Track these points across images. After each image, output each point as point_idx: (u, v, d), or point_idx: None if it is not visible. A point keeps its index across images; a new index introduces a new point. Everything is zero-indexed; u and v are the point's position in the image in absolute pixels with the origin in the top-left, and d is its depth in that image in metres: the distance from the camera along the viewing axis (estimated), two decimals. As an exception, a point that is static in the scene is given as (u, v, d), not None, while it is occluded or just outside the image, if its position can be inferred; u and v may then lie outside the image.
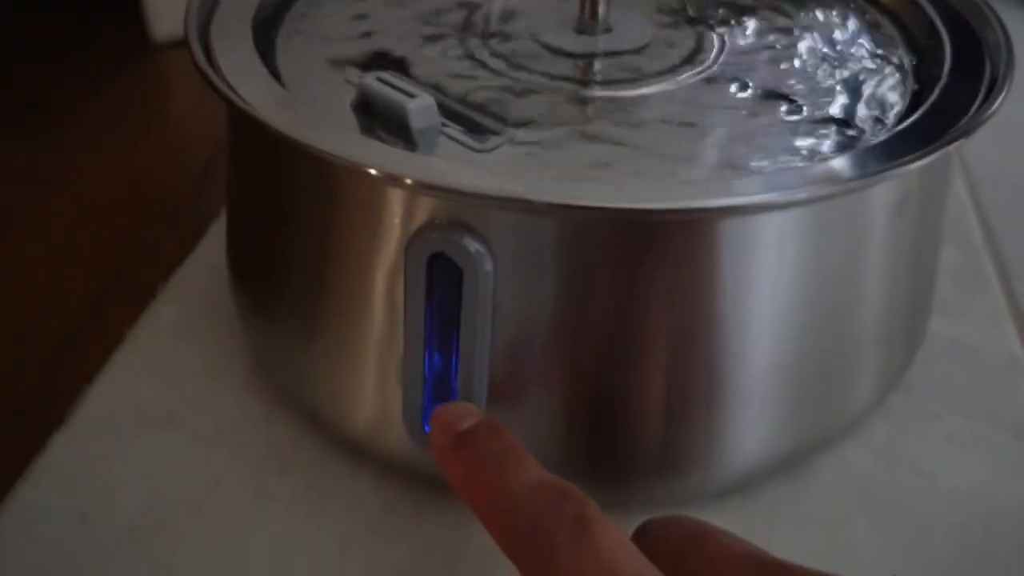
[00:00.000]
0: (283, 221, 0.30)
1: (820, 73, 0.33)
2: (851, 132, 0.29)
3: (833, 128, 0.30)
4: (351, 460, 0.32)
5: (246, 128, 0.32)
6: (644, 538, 0.23)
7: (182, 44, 0.60)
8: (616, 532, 0.21)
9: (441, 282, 0.26)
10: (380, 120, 0.29)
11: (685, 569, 0.22)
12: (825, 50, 0.34)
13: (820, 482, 0.32)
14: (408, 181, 0.24)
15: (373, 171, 0.24)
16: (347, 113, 0.29)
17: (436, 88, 0.31)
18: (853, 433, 0.33)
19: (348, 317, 0.29)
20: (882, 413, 0.34)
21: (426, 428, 0.28)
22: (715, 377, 0.27)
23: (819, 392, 0.30)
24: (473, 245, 0.25)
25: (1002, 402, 0.35)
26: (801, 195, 0.25)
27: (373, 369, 0.29)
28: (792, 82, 0.32)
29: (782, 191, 0.25)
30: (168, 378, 0.35)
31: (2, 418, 0.35)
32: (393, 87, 0.29)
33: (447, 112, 0.29)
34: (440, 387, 0.28)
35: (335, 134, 0.27)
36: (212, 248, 0.42)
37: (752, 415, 0.29)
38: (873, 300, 0.30)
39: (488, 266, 0.25)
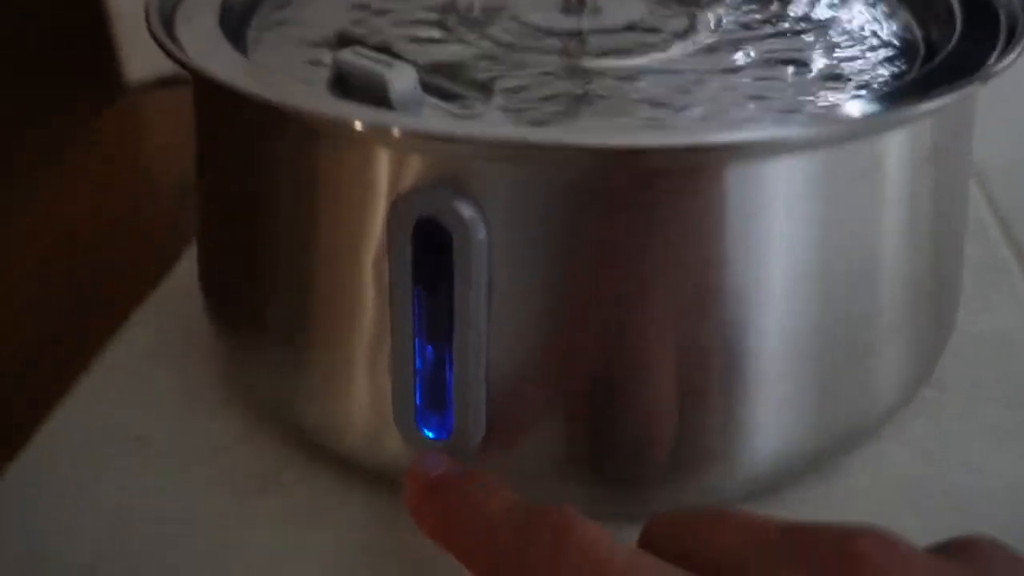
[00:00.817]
0: (257, 211, 0.28)
1: (826, 37, 0.31)
2: (867, 89, 0.27)
3: (844, 84, 0.27)
4: (340, 476, 0.29)
5: (215, 106, 0.29)
6: (650, 535, 0.21)
7: (156, 85, 0.59)
8: (598, 530, 0.19)
9: (431, 261, 0.23)
10: (358, 95, 0.26)
11: (701, 554, 0.19)
12: (831, 19, 0.32)
13: (859, 480, 0.29)
14: (395, 131, 0.21)
15: (357, 124, 0.22)
16: (322, 92, 0.27)
17: (419, 66, 0.28)
18: (888, 430, 0.31)
19: (334, 314, 0.27)
20: (917, 408, 0.32)
21: (420, 425, 0.25)
22: (730, 351, 0.25)
23: (846, 374, 0.27)
24: (465, 209, 0.22)
25: None
26: (811, 131, 0.23)
27: (363, 370, 0.27)
28: (796, 47, 0.30)
29: (791, 127, 0.22)
30: (140, 401, 0.33)
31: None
32: (370, 58, 0.26)
33: (431, 88, 0.27)
34: (434, 381, 0.25)
35: (310, 94, 0.24)
36: (187, 273, 0.39)
37: (771, 403, 0.26)
38: (895, 268, 0.27)
39: (481, 234, 0.22)
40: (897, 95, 0.25)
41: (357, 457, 0.28)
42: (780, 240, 0.24)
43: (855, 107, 0.24)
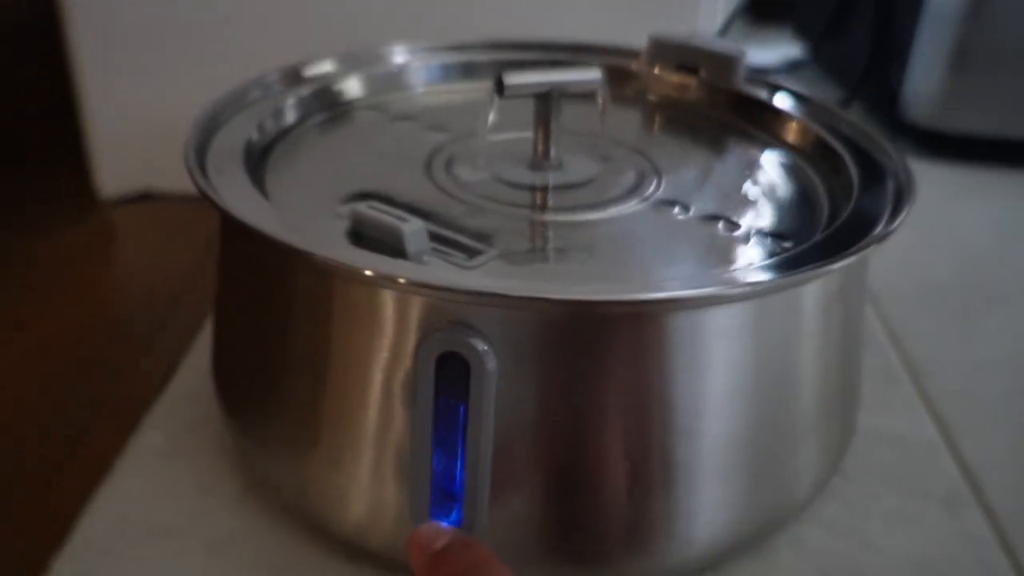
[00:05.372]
0: (280, 334, 0.33)
1: (751, 195, 0.38)
2: (784, 243, 0.34)
3: (768, 240, 0.34)
4: (347, 562, 0.34)
5: (244, 244, 0.34)
6: None
7: (129, 200, 0.63)
8: None
9: (449, 385, 0.29)
10: (373, 244, 0.32)
11: None
12: (752, 180, 0.39)
13: (784, 556, 0.35)
14: (444, 286, 0.27)
15: (401, 279, 0.28)
16: (343, 242, 0.33)
17: (418, 214, 0.34)
18: (805, 514, 0.37)
19: (344, 420, 0.32)
20: (828, 496, 0.38)
21: (436, 517, 0.30)
22: (675, 455, 0.31)
23: (769, 472, 0.34)
24: (479, 344, 0.28)
25: (930, 480, 0.40)
26: (741, 290, 0.29)
27: (368, 467, 0.32)
28: (727, 204, 0.37)
29: (723, 286, 0.29)
30: (161, 497, 0.37)
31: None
32: (385, 213, 0.32)
33: (432, 236, 0.33)
34: (442, 479, 0.30)
35: (349, 250, 0.30)
36: (188, 379, 0.44)
37: (710, 494, 0.32)
38: (811, 384, 0.34)
39: (492, 363, 0.28)
40: (810, 256, 0.32)
41: (359, 541, 0.33)
42: (717, 368, 0.31)
43: (777, 268, 0.31)
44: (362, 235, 0.32)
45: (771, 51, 1.03)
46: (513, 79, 0.37)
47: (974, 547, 0.36)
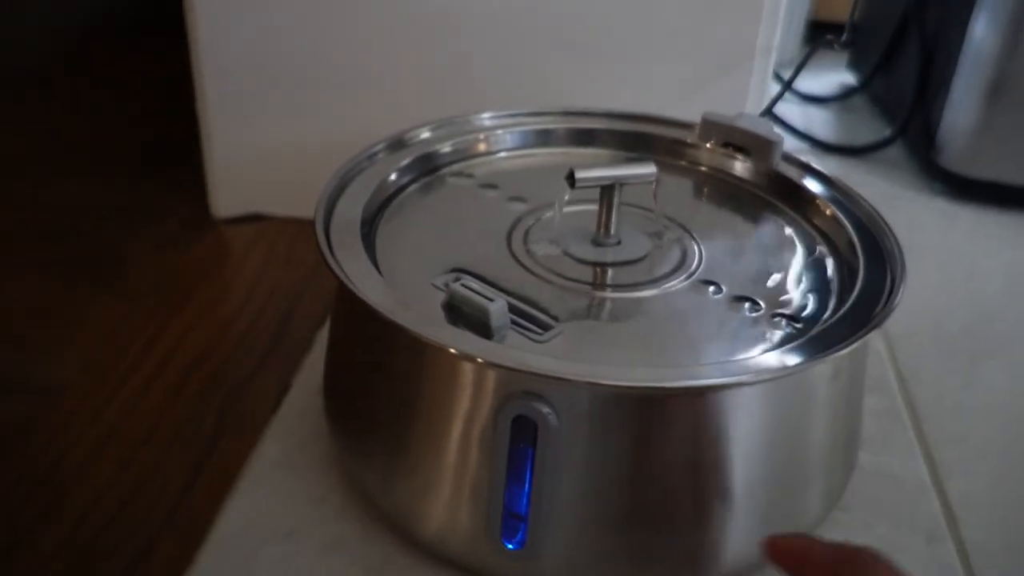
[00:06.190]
0: (382, 382, 0.42)
1: (774, 277, 0.45)
2: (797, 324, 0.42)
3: (784, 321, 0.42)
4: (434, 566, 0.43)
5: (362, 312, 0.43)
6: None
7: (241, 220, 0.72)
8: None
9: (520, 438, 0.37)
10: (464, 316, 0.40)
11: None
12: (777, 259, 0.47)
13: None
14: (522, 369, 0.36)
15: (480, 359, 0.36)
16: (436, 307, 0.41)
17: (496, 287, 0.42)
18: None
19: (430, 457, 0.40)
20: (829, 524, 0.46)
21: (503, 540, 0.39)
22: (698, 500, 0.39)
23: (780, 511, 0.42)
24: (545, 408, 0.36)
25: (916, 516, 0.47)
26: (758, 377, 0.37)
27: (447, 494, 0.40)
28: (753, 286, 0.45)
29: (748, 374, 0.37)
30: (281, 504, 0.46)
31: (143, 541, 0.45)
32: (474, 292, 0.40)
33: (512, 308, 0.41)
34: (511, 506, 0.39)
35: (451, 333, 0.38)
36: (300, 396, 0.53)
37: (729, 529, 0.40)
38: (817, 441, 0.42)
39: (555, 423, 0.36)
40: (819, 341, 0.39)
41: (437, 548, 0.42)
42: (738, 434, 0.38)
43: (793, 352, 0.39)
44: (455, 307, 0.41)
45: (825, 78, 1.09)
46: (583, 174, 0.45)
47: (944, 577, 0.44)
